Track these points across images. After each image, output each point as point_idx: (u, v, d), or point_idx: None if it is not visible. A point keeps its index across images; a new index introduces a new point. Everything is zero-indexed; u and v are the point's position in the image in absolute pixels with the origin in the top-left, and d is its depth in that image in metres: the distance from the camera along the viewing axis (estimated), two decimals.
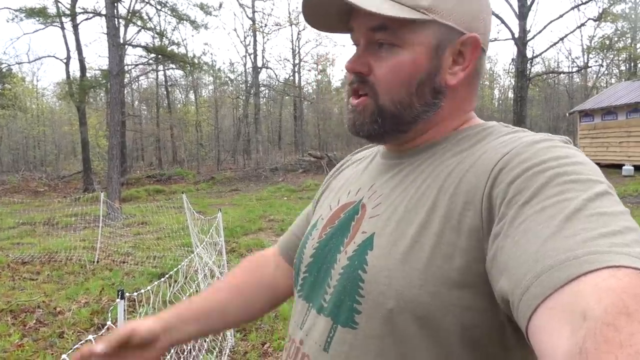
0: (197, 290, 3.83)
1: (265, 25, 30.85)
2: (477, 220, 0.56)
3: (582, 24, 21.36)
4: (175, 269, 2.77)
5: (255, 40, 29.40)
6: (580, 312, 0.38)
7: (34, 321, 4.44)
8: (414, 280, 0.58)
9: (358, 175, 0.83)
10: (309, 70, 46.35)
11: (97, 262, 6.76)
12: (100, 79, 18.45)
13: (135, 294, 1.88)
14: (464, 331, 0.56)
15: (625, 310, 0.36)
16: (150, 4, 16.75)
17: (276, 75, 34.96)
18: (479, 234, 0.56)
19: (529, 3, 18.37)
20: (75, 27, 19.53)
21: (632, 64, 31.88)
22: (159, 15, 21.54)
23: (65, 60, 21.69)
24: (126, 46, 18.05)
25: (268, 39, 45.34)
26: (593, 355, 0.34)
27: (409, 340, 0.58)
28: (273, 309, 1.01)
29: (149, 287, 1.97)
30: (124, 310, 1.57)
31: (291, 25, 31.50)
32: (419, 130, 0.71)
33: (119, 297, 1.56)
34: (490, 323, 0.56)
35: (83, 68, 20.32)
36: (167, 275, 2.39)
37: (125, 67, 18.19)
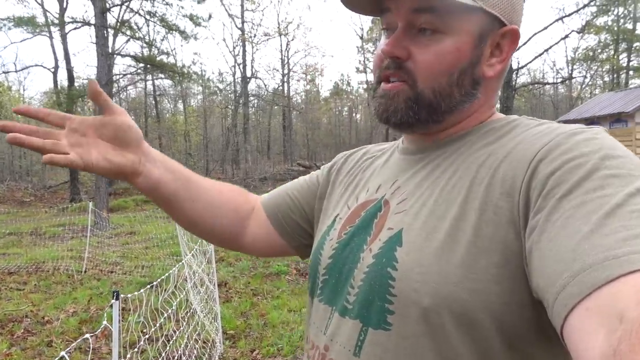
0: (186, 299, 3.85)
1: (255, 36, 31.03)
2: (514, 212, 0.54)
3: (566, 36, 21.91)
4: (166, 274, 2.80)
5: (244, 51, 29.63)
6: (618, 313, 0.37)
7: (22, 330, 4.42)
8: (450, 276, 0.55)
9: (376, 171, 0.80)
10: (298, 80, 46.63)
11: (85, 272, 6.73)
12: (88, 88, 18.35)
13: (130, 295, 1.91)
14: (503, 328, 0.54)
15: None
16: (140, 14, 16.77)
17: (265, 85, 35.09)
18: (516, 226, 0.53)
19: None
20: (63, 36, 19.46)
21: (615, 75, 32.50)
22: (148, 25, 21.57)
23: (53, 70, 21.65)
24: (115, 56, 18.00)
25: (257, 49, 45.46)
26: (627, 357, 0.33)
27: (446, 339, 0.55)
28: (226, 244, 0.96)
29: (142, 290, 1.99)
30: (119, 312, 1.60)
31: (280, 35, 31.81)
32: (451, 121, 0.69)
33: (114, 298, 1.60)
34: (529, 320, 0.54)
35: (71, 77, 20.20)
36: (157, 280, 2.42)
37: (114, 77, 18.13)
